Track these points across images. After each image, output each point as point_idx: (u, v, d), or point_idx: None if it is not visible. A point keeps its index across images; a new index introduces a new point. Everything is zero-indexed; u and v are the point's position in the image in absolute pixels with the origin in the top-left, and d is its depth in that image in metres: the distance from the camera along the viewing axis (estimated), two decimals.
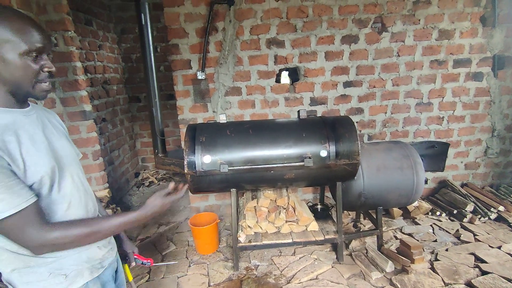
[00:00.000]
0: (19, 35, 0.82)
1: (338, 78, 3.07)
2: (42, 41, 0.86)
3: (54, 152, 0.97)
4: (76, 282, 0.98)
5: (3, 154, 0.81)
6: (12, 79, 0.85)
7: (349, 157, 2.13)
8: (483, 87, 3.17)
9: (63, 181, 0.97)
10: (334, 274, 2.34)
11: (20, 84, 0.87)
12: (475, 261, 2.37)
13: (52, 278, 0.95)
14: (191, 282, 2.32)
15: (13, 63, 0.83)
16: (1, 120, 0.86)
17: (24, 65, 0.85)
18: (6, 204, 0.80)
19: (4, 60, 0.83)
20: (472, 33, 3.00)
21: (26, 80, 0.87)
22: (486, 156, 3.38)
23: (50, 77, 0.92)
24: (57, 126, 1.08)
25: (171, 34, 2.85)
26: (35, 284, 0.93)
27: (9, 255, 0.90)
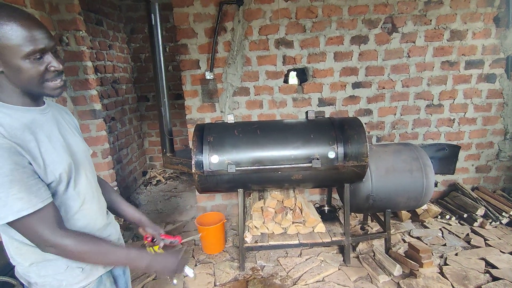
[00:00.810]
0: (18, 39, 0.80)
1: (347, 79, 3.05)
2: (42, 41, 0.83)
3: (69, 149, 0.98)
4: (92, 275, 1.01)
5: (25, 153, 0.82)
6: (20, 82, 0.85)
7: (357, 159, 2.11)
8: (496, 89, 3.11)
9: (78, 178, 0.99)
10: (341, 276, 2.32)
11: (29, 86, 0.87)
12: (486, 267, 2.32)
13: (69, 271, 0.97)
14: (197, 281, 2.33)
15: (17, 68, 0.82)
16: (21, 119, 0.87)
17: (28, 68, 0.83)
18: (25, 203, 0.81)
19: (8, 66, 0.82)
20: (485, 33, 2.95)
21: (34, 82, 0.86)
22: (498, 159, 3.31)
23: (58, 74, 0.90)
24: (70, 122, 1.09)
25: (180, 34, 2.86)
26: (52, 277, 0.95)
27: (29, 249, 0.92)
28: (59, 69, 0.88)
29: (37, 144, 0.86)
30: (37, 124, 0.90)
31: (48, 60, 0.86)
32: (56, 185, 0.91)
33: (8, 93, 0.87)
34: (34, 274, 0.95)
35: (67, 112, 1.14)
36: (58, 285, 0.96)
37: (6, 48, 0.80)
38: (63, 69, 0.91)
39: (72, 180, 0.96)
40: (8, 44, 0.79)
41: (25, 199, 0.81)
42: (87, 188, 1.02)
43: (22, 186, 0.80)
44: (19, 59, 0.81)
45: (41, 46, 0.83)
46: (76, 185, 0.97)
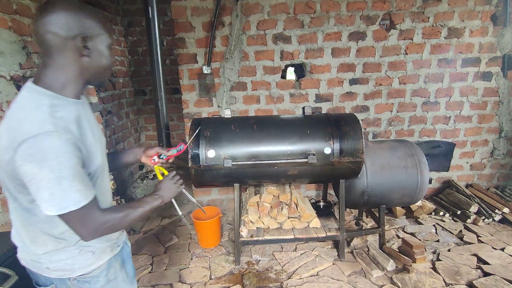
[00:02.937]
0: (105, 30, 0.93)
1: (344, 75, 3.05)
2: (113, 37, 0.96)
3: (101, 139, 1.05)
4: (102, 258, 1.06)
5: (81, 146, 0.88)
6: (98, 69, 0.95)
7: (353, 155, 2.12)
8: (492, 87, 3.13)
9: (104, 170, 1.05)
10: (335, 271, 2.34)
11: (104, 73, 0.98)
12: (478, 262, 2.35)
13: (81, 255, 1.01)
14: (193, 275, 2.35)
15: (104, 54, 0.94)
16: (72, 112, 0.91)
17: (108, 56, 0.95)
18: (82, 195, 0.87)
19: (98, 51, 0.93)
20: (482, 31, 2.96)
21: (109, 69, 0.98)
22: (493, 157, 3.35)
23: None
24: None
25: (178, 27, 2.84)
26: (65, 261, 1.00)
27: (46, 238, 0.96)
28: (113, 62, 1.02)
29: (86, 138, 0.93)
30: (82, 117, 0.95)
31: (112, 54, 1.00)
32: (93, 174, 0.97)
33: (69, 84, 0.92)
34: (46, 260, 0.99)
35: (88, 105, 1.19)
36: (70, 268, 1.00)
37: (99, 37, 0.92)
38: None
39: (102, 172, 1.02)
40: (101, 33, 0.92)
41: (83, 191, 0.87)
42: (107, 180, 1.10)
43: (80, 179, 0.86)
44: (105, 47, 0.94)
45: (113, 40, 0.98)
46: (103, 178, 1.04)
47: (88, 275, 1.03)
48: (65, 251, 0.99)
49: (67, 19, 0.86)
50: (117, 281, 1.12)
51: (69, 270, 1.01)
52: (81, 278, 1.03)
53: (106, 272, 1.08)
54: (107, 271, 1.08)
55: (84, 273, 1.02)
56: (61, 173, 0.82)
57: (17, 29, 2.05)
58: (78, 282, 1.03)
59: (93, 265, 1.04)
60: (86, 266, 1.03)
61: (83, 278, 1.03)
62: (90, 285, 1.04)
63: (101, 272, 1.06)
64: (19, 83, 2.06)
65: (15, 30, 2.03)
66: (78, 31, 0.88)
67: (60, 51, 0.88)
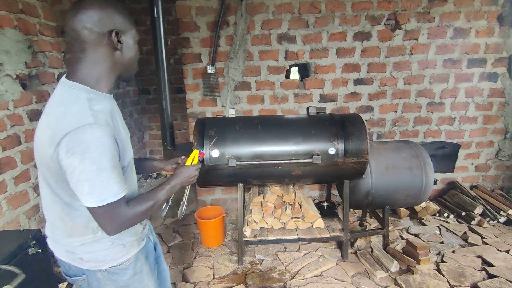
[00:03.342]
0: (134, 26, 0.99)
1: (349, 75, 3.04)
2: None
3: (129, 136, 1.08)
4: (131, 251, 1.11)
5: (117, 139, 0.92)
6: (129, 63, 1.01)
7: (357, 156, 2.12)
8: (498, 88, 3.10)
9: (133, 164, 1.09)
10: (339, 271, 2.34)
11: (133, 66, 1.03)
12: (482, 264, 2.34)
13: (114, 247, 1.06)
14: (196, 274, 2.36)
15: (133, 48, 1.00)
16: (107, 106, 0.96)
17: (136, 50, 1.01)
18: (120, 188, 0.91)
19: (128, 45, 0.98)
20: (489, 32, 2.93)
21: (135, 63, 1.03)
22: (498, 158, 3.32)
23: None
24: None
25: (183, 27, 2.85)
26: (98, 252, 1.04)
27: (84, 231, 1.00)
28: None
29: (119, 131, 0.98)
30: (115, 111, 1.01)
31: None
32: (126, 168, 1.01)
33: (102, 78, 0.96)
34: (81, 251, 1.03)
35: None
36: (102, 260, 1.05)
37: (129, 32, 0.97)
38: None
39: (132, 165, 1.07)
40: (131, 28, 0.98)
41: (120, 183, 0.91)
42: (134, 172, 1.12)
43: (117, 171, 0.90)
44: (133, 41, 0.99)
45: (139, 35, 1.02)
46: (131, 170, 1.08)
47: (118, 267, 1.08)
48: (99, 243, 1.03)
49: (101, 15, 0.90)
50: (142, 274, 1.16)
51: (102, 261, 1.05)
52: (111, 270, 1.07)
53: (134, 265, 1.12)
54: (135, 264, 1.13)
55: (115, 265, 1.07)
56: (101, 164, 0.85)
57: (23, 28, 2.06)
58: (108, 274, 1.07)
59: (123, 257, 1.08)
60: (117, 258, 1.07)
61: (113, 270, 1.07)
62: (119, 276, 1.09)
63: (130, 264, 1.10)
64: (24, 82, 2.07)
65: (20, 29, 2.04)
66: (112, 26, 0.92)
67: (95, 47, 0.91)
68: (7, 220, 1.90)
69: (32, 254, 1.19)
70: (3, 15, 1.91)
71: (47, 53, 2.29)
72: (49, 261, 1.30)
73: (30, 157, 2.11)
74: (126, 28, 0.96)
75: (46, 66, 2.28)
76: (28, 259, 1.18)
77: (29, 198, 2.10)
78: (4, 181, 1.89)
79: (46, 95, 2.28)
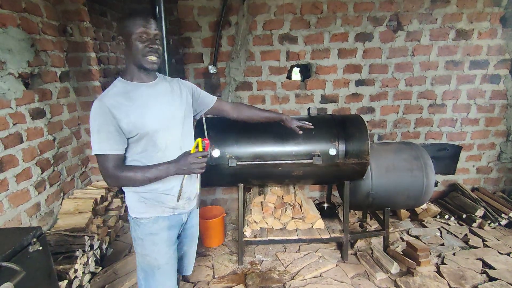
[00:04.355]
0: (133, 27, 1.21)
1: (351, 76, 3.04)
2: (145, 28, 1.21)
3: (163, 115, 1.30)
4: (149, 212, 1.36)
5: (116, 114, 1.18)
6: (132, 56, 1.24)
7: (358, 157, 2.11)
8: (500, 89, 3.09)
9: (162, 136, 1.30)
10: (338, 272, 2.33)
11: (137, 59, 1.23)
12: (483, 267, 2.33)
13: (138, 202, 1.35)
14: (196, 273, 2.36)
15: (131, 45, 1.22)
16: (130, 90, 1.25)
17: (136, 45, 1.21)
18: (106, 146, 1.20)
19: (127, 43, 1.23)
20: (491, 33, 2.92)
21: (139, 55, 1.22)
22: (500, 160, 3.31)
23: (154, 52, 1.23)
24: (176, 92, 1.41)
25: (184, 27, 2.85)
26: (130, 202, 1.38)
27: None
28: (154, 47, 1.23)
29: (130, 109, 1.21)
30: (138, 95, 1.26)
31: (148, 41, 1.22)
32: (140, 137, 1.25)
33: (130, 72, 1.28)
34: (127, 197, 1.38)
35: (181, 82, 1.49)
36: (131, 209, 1.38)
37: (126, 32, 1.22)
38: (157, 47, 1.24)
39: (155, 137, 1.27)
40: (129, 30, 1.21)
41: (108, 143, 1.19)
42: (170, 142, 1.33)
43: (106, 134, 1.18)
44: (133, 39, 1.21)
45: (142, 30, 1.21)
46: (158, 139, 1.28)
47: (139, 219, 1.36)
48: (131, 194, 1.35)
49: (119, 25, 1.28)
50: (159, 237, 1.38)
51: (131, 210, 1.37)
52: (136, 220, 1.37)
53: (151, 225, 1.36)
54: (152, 224, 1.36)
55: (137, 217, 1.36)
56: (94, 126, 1.19)
57: (26, 27, 2.07)
58: (134, 222, 1.38)
59: (143, 214, 1.35)
60: (139, 212, 1.36)
61: (137, 221, 1.37)
62: (139, 228, 1.37)
63: (148, 223, 1.36)
64: (27, 81, 2.08)
65: (23, 28, 2.05)
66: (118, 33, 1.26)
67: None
68: (8, 218, 1.91)
69: (32, 252, 1.19)
70: (6, 13, 1.92)
71: (49, 52, 2.30)
72: (49, 259, 1.30)
73: (32, 155, 2.12)
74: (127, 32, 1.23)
75: (48, 65, 2.29)
76: (29, 257, 1.18)
77: (30, 196, 2.11)
78: (5, 179, 1.90)
79: (48, 93, 2.29)
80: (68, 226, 2.24)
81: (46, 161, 2.28)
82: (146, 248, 1.39)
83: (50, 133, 2.32)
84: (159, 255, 1.40)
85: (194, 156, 1.25)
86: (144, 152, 1.28)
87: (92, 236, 2.16)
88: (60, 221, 2.31)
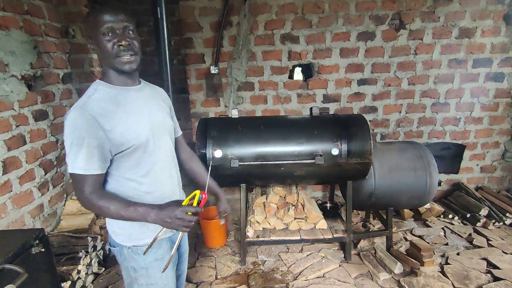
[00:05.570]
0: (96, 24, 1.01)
1: (353, 75, 3.02)
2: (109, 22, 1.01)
3: (153, 122, 1.14)
4: (152, 235, 1.12)
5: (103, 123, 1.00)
6: (103, 59, 1.06)
7: (361, 156, 2.10)
8: (504, 88, 3.07)
9: (155, 148, 1.14)
10: (342, 273, 2.33)
11: (108, 61, 1.05)
12: (487, 267, 2.31)
13: (139, 227, 1.14)
14: (199, 274, 2.36)
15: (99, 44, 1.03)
16: (115, 95, 1.07)
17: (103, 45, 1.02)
18: (86, 164, 1.00)
19: (100, 45, 1.03)
20: (495, 31, 2.90)
21: (108, 56, 1.03)
22: (504, 159, 3.28)
23: (126, 50, 1.03)
24: (165, 101, 1.28)
25: (186, 27, 2.85)
26: (126, 229, 1.14)
27: None
28: (123, 44, 1.02)
29: (120, 116, 1.04)
30: (127, 101, 1.09)
31: (117, 38, 1.02)
32: (135, 149, 1.07)
33: (109, 75, 1.09)
34: (114, 224, 1.16)
35: (162, 94, 1.31)
36: (128, 236, 1.14)
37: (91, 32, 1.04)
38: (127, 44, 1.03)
39: (149, 149, 1.12)
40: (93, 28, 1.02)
41: (89, 161, 1.00)
42: (161, 157, 1.17)
43: (87, 150, 0.99)
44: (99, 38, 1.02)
45: (109, 25, 1.01)
46: (152, 154, 1.13)
47: (141, 247, 1.14)
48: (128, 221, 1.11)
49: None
50: (163, 262, 1.17)
51: (128, 238, 1.15)
52: (134, 248, 1.15)
53: (155, 250, 1.17)
54: (157, 250, 1.17)
55: (138, 244, 1.14)
56: (73, 140, 0.98)
57: (28, 29, 2.08)
58: (132, 252, 1.15)
59: (146, 239, 1.12)
60: (140, 238, 1.14)
61: (136, 249, 1.15)
62: (140, 257, 1.15)
63: (152, 248, 1.12)
64: (29, 83, 2.09)
65: (26, 30, 2.06)
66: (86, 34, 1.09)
67: None
68: (11, 219, 1.92)
69: (35, 253, 1.20)
70: (9, 16, 1.93)
71: (51, 53, 2.31)
72: (52, 261, 1.31)
73: (35, 156, 2.13)
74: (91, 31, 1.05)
75: (51, 67, 2.30)
76: (31, 259, 1.19)
77: (33, 197, 2.12)
78: (9, 180, 1.91)
79: (50, 95, 2.30)
80: (71, 227, 2.25)
81: (49, 162, 2.29)
82: (152, 277, 1.20)
83: (53, 135, 2.33)
84: (168, 280, 1.24)
85: (183, 210, 1.03)
86: (138, 168, 1.11)
87: (95, 237, 2.16)
88: (63, 222, 2.32)
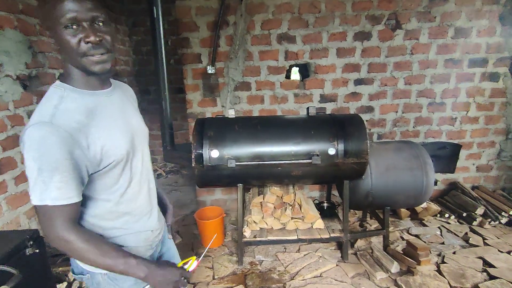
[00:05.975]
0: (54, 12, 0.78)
1: (349, 75, 3.03)
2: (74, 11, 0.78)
3: (131, 131, 0.98)
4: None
5: (80, 137, 0.82)
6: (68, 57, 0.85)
7: (357, 156, 2.11)
8: (499, 87, 3.08)
9: (134, 160, 0.99)
10: (339, 272, 2.33)
11: (74, 60, 0.84)
12: (483, 265, 2.32)
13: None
14: (196, 274, 2.35)
15: (59, 39, 0.81)
16: (87, 104, 0.87)
17: (67, 40, 0.80)
18: (61, 195, 0.81)
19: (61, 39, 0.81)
20: (490, 31, 2.91)
21: (73, 54, 0.83)
22: (499, 159, 3.30)
23: (96, 48, 0.83)
24: (132, 102, 1.10)
25: (182, 27, 2.85)
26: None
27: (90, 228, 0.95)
28: (91, 40, 0.81)
29: (97, 130, 0.86)
30: (101, 109, 0.90)
31: (83, 32, 0.81)
32: (111, 167, 0.91)
33: (75, 77, 0.88)
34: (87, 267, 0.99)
35: (130, 91, 1.14)
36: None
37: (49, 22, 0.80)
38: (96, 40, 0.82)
39: (128, 163, 0.96)
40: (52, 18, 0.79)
41: (64, 191, 0.81)
42: (140, 170, 1.03)
43: (61, 176, 0.80)
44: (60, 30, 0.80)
45: (72, 15, 0.78)
46: (131, 168, 0.98)
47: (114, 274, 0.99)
48: None
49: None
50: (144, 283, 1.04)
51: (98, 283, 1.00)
52: (111, 275, 1.00)
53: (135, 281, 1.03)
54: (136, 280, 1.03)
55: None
56: (42, 165, 0.78)
57: (23, 29, 2.07)
58: (108, 278, 1.01)
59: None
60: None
61: (113, 275, 0.99)
62: (118, 282, 1.01)
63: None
64: (25, 82, 2.07)
65: (21, 30, 2.04)
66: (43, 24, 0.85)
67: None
68: (7, 220, 1.91)
69: (29, 254, 1.19)
70: (4, 15, 1.91)
71: (47, 53, 2.30)
72: (46, 262, 1.30)
73: None
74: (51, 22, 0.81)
75: (46, 67, 2.29)
76: (25, 260, 1.18)
77: (29, 198, 2.10)
78: (4, 181, 1.90)
79: None
80: None
81: None
82: None
83: None
84: None
85: (182, 274, 0.99)
86: (116, 186, 0.95)
87: None
88: None
